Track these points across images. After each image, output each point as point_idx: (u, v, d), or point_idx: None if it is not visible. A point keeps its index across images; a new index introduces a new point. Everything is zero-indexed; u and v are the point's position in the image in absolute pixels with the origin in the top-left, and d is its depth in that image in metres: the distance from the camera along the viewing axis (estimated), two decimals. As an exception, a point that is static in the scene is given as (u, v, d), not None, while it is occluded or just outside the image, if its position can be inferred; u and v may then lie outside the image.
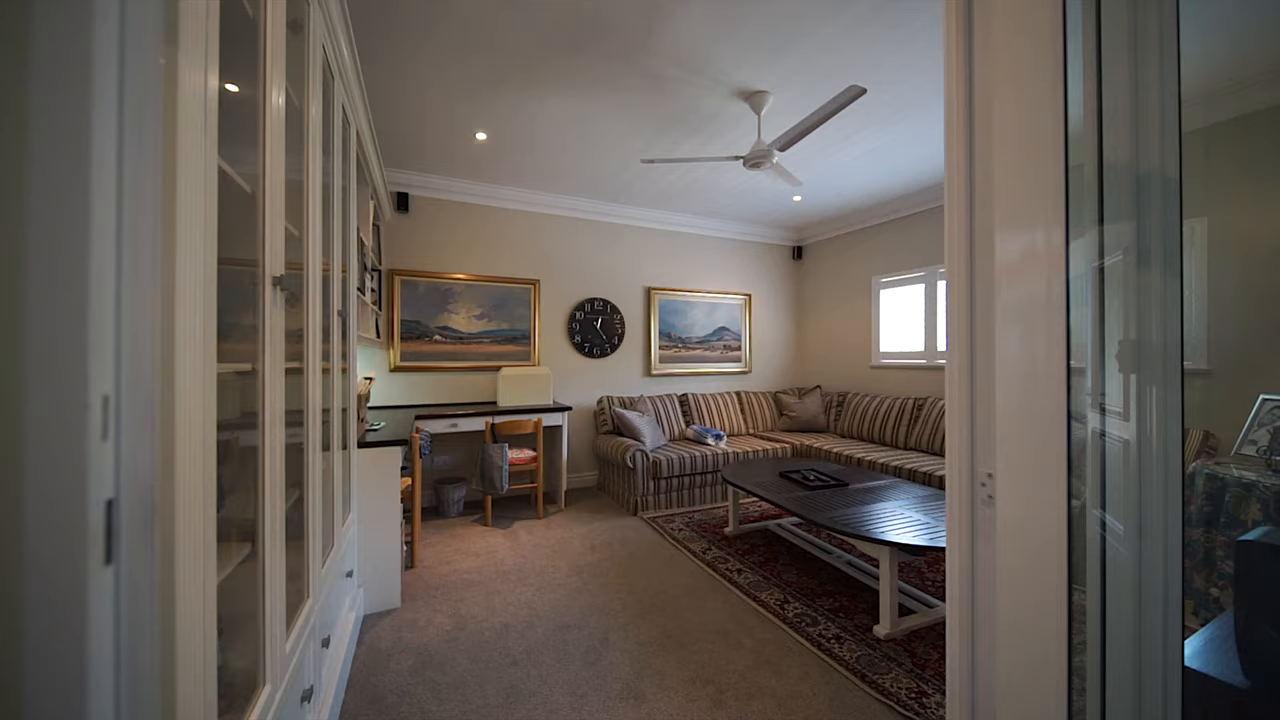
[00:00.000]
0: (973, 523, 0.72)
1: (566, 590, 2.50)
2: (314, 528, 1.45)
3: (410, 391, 3.95)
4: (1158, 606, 0.58)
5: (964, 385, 0.72)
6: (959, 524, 0.73)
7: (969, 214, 0.72)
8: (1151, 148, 0.60)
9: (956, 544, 0.73)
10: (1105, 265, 0.61)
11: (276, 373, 1.10)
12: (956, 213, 0.74)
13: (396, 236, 3.91)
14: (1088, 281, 0.60)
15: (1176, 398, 0.59)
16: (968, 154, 0.73)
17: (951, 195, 0.74)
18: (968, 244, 0.72)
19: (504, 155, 3.47)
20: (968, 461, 0.72)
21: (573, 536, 3.26)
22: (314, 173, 1.48)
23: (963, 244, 0.73)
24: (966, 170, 0.72)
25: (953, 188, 0.74)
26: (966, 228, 0.72)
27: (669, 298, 4.98)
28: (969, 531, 0.72)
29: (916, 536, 2.06)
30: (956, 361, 0.73)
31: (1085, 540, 0.60)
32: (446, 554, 2.97)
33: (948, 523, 0.75)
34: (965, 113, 0.73)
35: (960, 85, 0.74)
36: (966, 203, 0.72)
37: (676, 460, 3.79)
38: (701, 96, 2.65)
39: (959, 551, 0.72)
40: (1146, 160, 0.60)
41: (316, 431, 1.50)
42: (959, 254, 0.73)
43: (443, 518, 3.66)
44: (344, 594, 1.98)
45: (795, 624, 2.15)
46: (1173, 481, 0.60)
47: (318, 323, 1.52)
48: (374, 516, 2.32)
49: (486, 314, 4.22)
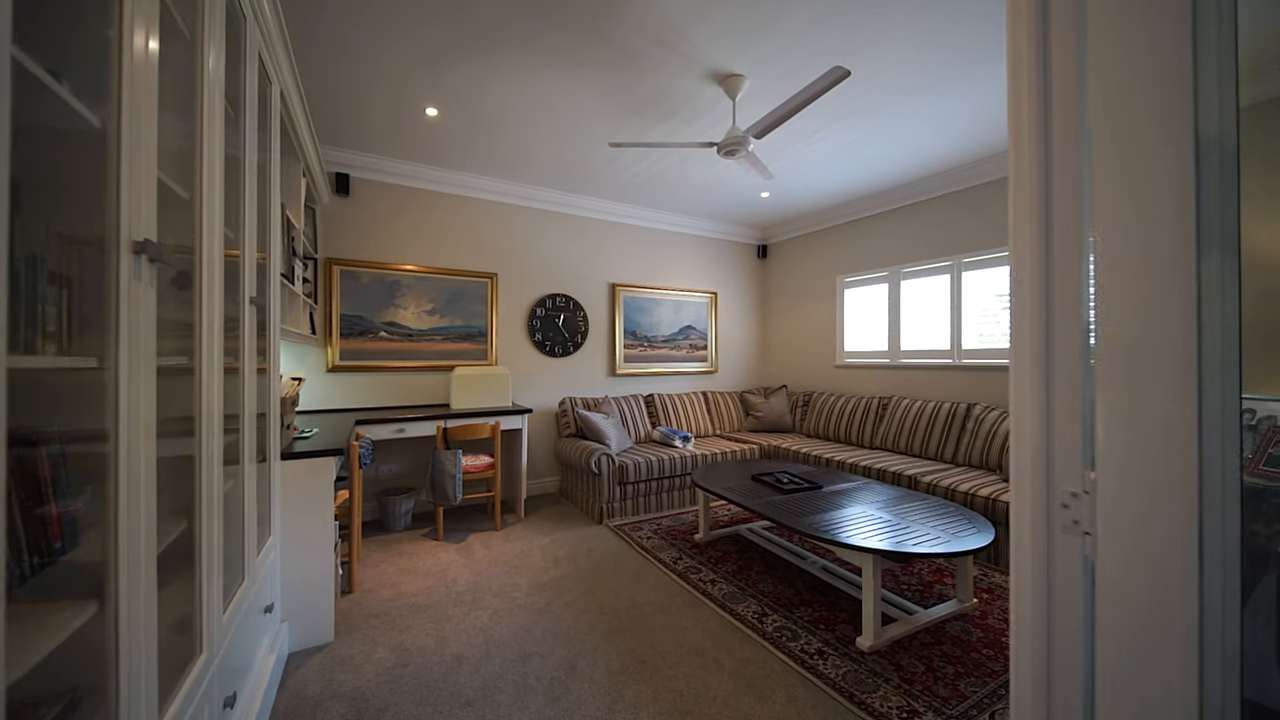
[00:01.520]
0: (1049, 557, 0.57)
1: (527, 612, 2.27)
2: (211, 562, 1.17)
3: (351, 394, 3.57)
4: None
5: (1036, 386, 0.58)
6: (1030, 559, 0.58)
7: (1043, 188, 0.58)
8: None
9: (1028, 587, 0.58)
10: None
11: (141, 369, 0.84)
12: (1028, 186, 0.59)
13: (335, 222, 3.53)
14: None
15: None
16: (1042, 122, 0.58)
17: (1021, 168, 0.60)
18: (1041, 222, 0.58)
19: (458, 135, 3.18)
20: (1041, 478, 0.58)
21: (533, 549, 3.02)
22: (211, 126, 1.19)
23: (1034, 223, 0.59)
24: (1040, 138, 0.58)
25: (1022, 159, 0.60)
26: (1040, 201, 0.58)
27: (634, 295, 4.81)
28: (1044, 569, 0.57)
29: (899, 542, 1.98)
30: (1027, 358, 0.59)
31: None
32: (391, 575, 2.66)
33: (1013, 557, 0.61)
34: (1039, 66, 0.59)
35: (1032, 33, 0.60)
36: (1041, 175, 0.58)
37: (644, 464, 3.61)
38: (674, 78, 2.49)
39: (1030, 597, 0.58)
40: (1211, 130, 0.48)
41: (216, 442, 1.22)
42: (1031, 235, 0.59)
43: (388, 532, 3.32)
44: (261, 633, 1.68)
45: (776, 639, 2.02)
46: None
47: (218, 312, 1.24)
48: (301, 538, 2.00)
49: (439, 309, 3.89)
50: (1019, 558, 0.60)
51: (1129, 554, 0.48)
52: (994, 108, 2.79)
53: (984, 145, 3.29)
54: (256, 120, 1.65)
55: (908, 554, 1.90)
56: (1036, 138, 0.60)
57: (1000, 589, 2.49)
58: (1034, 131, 0.60)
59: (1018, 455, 0.60)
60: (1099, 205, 0.52)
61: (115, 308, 0.77)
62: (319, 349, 3.47)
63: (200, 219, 1.14)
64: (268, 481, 1.82)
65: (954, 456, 3.51)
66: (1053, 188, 0.59)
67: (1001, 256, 3.58)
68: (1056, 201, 0.58)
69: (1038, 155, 0.60)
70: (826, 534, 2.06)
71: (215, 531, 1.20)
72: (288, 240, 2.31)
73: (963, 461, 3.46)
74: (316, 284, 3.39)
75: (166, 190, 1.02)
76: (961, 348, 3.83)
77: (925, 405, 3.80)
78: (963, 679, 1.78)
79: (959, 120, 2.93)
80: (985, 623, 2.17)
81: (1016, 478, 0.60)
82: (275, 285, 1.93)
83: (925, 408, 3.78)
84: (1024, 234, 0.61)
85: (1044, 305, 0.58)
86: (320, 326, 3.47)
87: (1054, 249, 0.58)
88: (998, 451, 3.24)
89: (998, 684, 1.75)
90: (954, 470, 3.27)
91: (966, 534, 2.10)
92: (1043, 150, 0.60)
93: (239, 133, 1.52)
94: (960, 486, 2.90)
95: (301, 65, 2.39)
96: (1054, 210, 0.58)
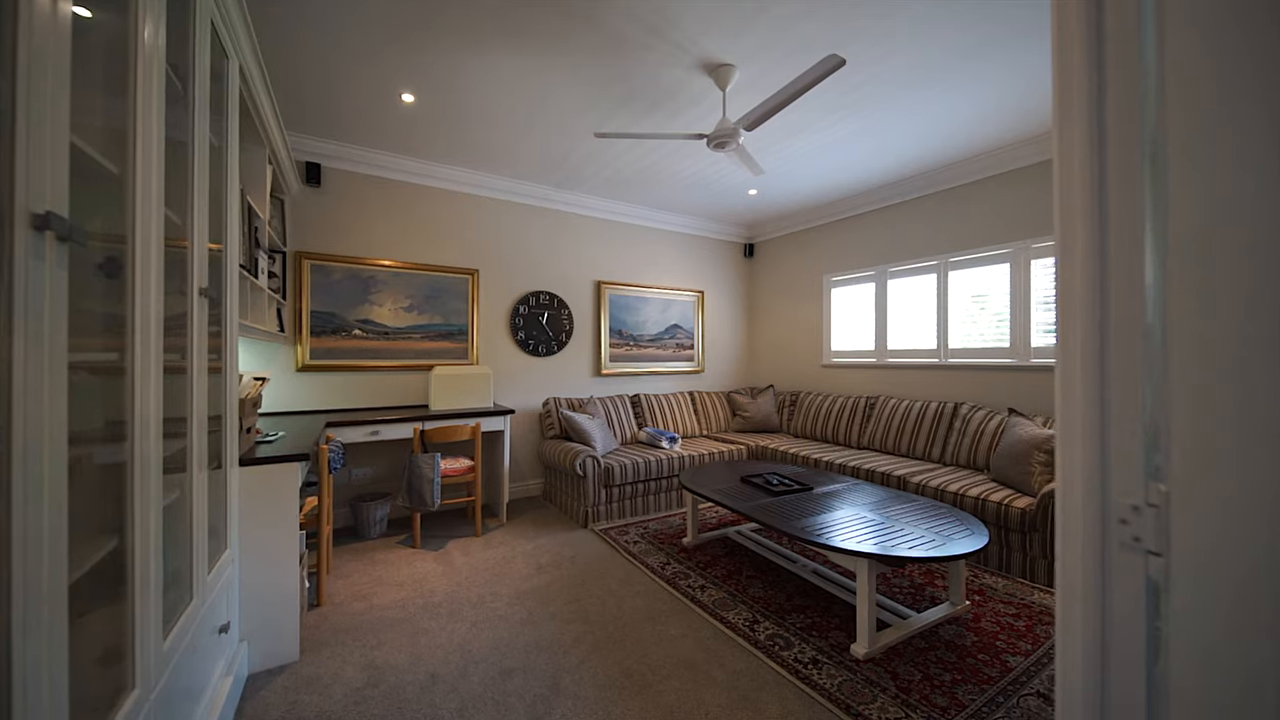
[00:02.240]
0: (1103, 579, 0.50)
1: (508, 624, 2.15)
2: (147, 584, 1.04)
3: (322, 394, 3.40)
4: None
5: (1088, 388, 0.50)
6: (1080, 581, 0.50)
7: (1098, 157, 0.50)
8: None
9: (1078, 612, 0.50)
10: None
11: (47, 365, 0.71)
12: (1079, 160, 0.52)
13: (306, 214, 3.36)
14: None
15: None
16: (1096, 81, 0.51)
17: (1068, 135, 0.52)
18: (1095, 205, 0.51)
19: (436, 124, 3.04)
20: (1094, 490, 0.51)
21: (515, 555, 2.90)
22: (148, 95, 1.06)
23: (1087, 208, 0.51)
24: (1093, 101, 0.51)
25: (1073, 124, 0.52)
26: (1093, 175, 0.50)
27: (620, 293, 4.71)
28: (1097, 592, 0.50)
29: (894, 546, 1.93)
30: (1077, 357, 0.51)
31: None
32: (364, 585, 2.52)
33: (1059, 576, 0.53)
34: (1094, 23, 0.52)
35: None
36: (1094, 144, 0.50)
37: (630, 466, 3.52)
38: (663, 67, 2.40)
39: (1081, 624, 0.50)
40: None
41: (154, 449, 1.08)
42: (1084, 213, 0.51)
43: (362, 540, 3.17)
44: (214, 656, 1.54)
45: (768, 648, 1.95)
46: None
47: (157, 304, 1.10)
48: (263, 550, 1.86)
49: (417, 306, 3.74)
50: (1067, 578, 0.53)
51: (1218, 582, 0.41)
52: (988, 104, 2.76)
53: (973, 144, 3.28)
54: (209, 96, 1.51)
55: (904, 558, 1.85)
56: (1086, 95, 0.53)
57: (991, 590, 2.46)
58: (1084, 84, 0.53)
59: (1066, 465, 0.53)
60: (1185, 184, 0.45)
61: (8, 291, 0.65)
62: (288, 347, 3.29)
63: (134, 198, 1.01)
64: (223, 490, 1.68)
65: (941, 456, 3.50)
66: (1108, 167, 0.51)
67: (985, 256, 3.58)
68: (1113, 180, 0.51)
69: (1088, 116, 0.52)
70: (820, 538, 2.00)
71: (153, 549, 1.07)
72: (249, 230, 2.16)
73: (950, 461, 3.45)
74: (285, 279, 3.22)
75: (88, 162, 0.89)
76: (948, 347, 3.83)
77: (912, 405, 3.79)
78: (960, 686, 1.73)
79: (952, 116, 2.91)
80: (979, 626, 2.13)
81: (1065, 490, 0.53)
82: (233, 277, 1.79)
83: (912, 407, 3.77)
84: (1074, 217, 0.53)
85: (1096, 297, 0.50)
86: (289, 324, 3.29)
87: (1110, 233, 0.51)
88: (985, 451, 3.23)
89: (996, 691, 1.71)
90: (942, 470, 3.25)
91: (961, 536, 2.06)
92: (1094, 110, 0.52)
93: (187, 108, 1.38)
94: (950, 486, 2.88)
95: (264, 40, 2.24)
96: (1110, 189, 0.51)
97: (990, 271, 3.58)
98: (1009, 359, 3.44)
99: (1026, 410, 3.33)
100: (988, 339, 3.59)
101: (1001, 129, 3.07)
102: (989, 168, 3.49)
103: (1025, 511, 2.54)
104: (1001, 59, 2.33)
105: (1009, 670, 1.83)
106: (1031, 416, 3.13)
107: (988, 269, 3.59)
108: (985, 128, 3.05)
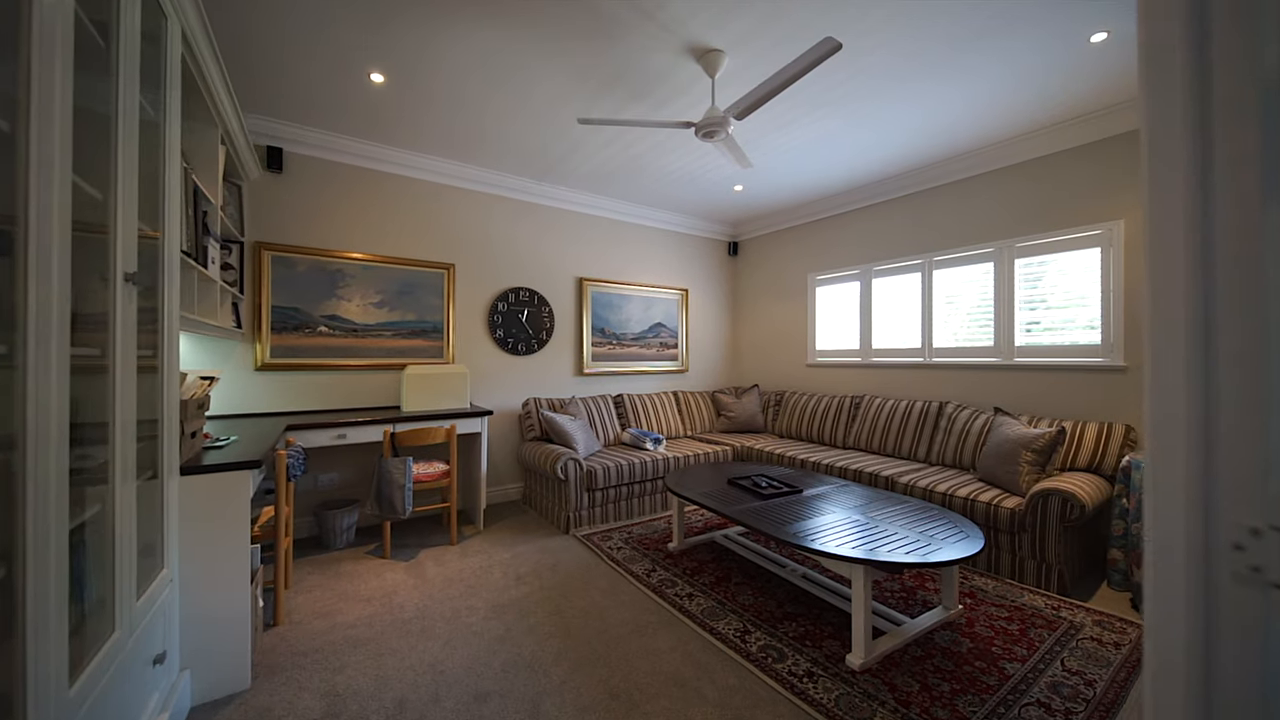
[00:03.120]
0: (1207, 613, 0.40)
1: (484, 640, 2.01)
2: (44, 620, 0.88)
3: (284, 395, 3.19)
4: None
5: (1192, 389, 0.40)
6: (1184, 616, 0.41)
7: (1198, 103, 0.41)
8: None
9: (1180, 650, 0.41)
10: None
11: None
12: (1176, 125, 0.42)
13: (267, 202, 3.14)
14: None
15: None
16: (1197, 41, 0.42)
17: (1159, 101, 0.43)
18: (1194, 158, 0.41)
19: (409, 108, 2.87)
20: (1198, 509, 0.41)
21: (493, 565, 2.75)
22: (49, 48, 0.90)
23: (1185, 160, 0.41)
24: (1192, 62, 0.41)
25: (1168, 89, 0.43)
26: (1192, 123, 0.41)
27: (603, 290, 4.59)
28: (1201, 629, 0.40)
29: (890, 552, 1.85)
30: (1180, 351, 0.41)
31: None
32: (327, 601, 2.34)
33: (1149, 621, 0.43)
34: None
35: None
36: (1191, 104, 0.41)
37: (614, 468, 3.40)
38: (649, 51, 2.29)
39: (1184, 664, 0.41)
40: None
41: (54, 459, 0.92)
42: (1180, 183, 0.42)
43: (327, 551, 2.97)
44: (146, 691, 1.36)
45: (761, 661, 1.85)
46: None
47: (60, 288, 0.94)
48: (209, 567, 1.68)
49: (388, 302, 3.55)
50: (1160, 618, 0.43)
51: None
52: (981, 100, 2.73)
53: (956, 143, 3.26)
54: (139, 59, 1.34)
55: (901, 564, 1.77)
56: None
57: (982, 592, 2.42)
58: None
59: (1159, 477, 0.43)
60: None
61: None
62: (246, 344, 3.07)
63: (25, 163, 0.85)
64: (159, 503, 1.50)
65: (928, 456, 3.48)
66: (1215, 123, 0.42)
67: (969, 255, 3.58)
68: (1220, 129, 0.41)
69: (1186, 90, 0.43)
70: (815, 544, 1.91)
71: (54, 578, 0.91)
72: (195, 214, 1.97)
73: (936, 461, 3.42)
74: (243, 271, 3.00)
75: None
76: (933, 346, 3.81)
77: (898, 404, 3.76)
78: (960, 697, 1.66)
79: (946, 110, 2.87)
80: (973, 631, 2.07)
81: (1158, 509, 0.44)
82: (173, 265, 1.61)
83: (898, 407, 3.74)
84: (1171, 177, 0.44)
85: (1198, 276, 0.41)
86: (248, 319, 3.07)
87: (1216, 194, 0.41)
88: (971, 450, 3.22)
89: (996, 701, 1.64)
90: (929, 470, 3.22)
91: (956, 539, 2.00)
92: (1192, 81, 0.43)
93: (109, 68, 1.21)
94: (938, 487, 2.84)
95: (215, 5, 2.04)
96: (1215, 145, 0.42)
97: (974, 270, 3.57)
98: (993, 358, 3.44)
99: (1012, 409, 3.33)
100: (971, 338, 3.59)
101: (986, 127, 3.05)
102: (972, 166, 3.48)
103: (1015, 511, 2.51)
104: (994, 51, 2.29)
105: (1006, 678, 1.77)
106: (1017, 415, 3.13)
107: (971, 268, 3.59)
108: (972, 125, 3.03)
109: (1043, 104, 2.77)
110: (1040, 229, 3.21)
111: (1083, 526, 2.56)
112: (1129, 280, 2.86)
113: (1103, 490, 2.56)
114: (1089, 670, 1.82)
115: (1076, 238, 3.06)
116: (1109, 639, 2.02)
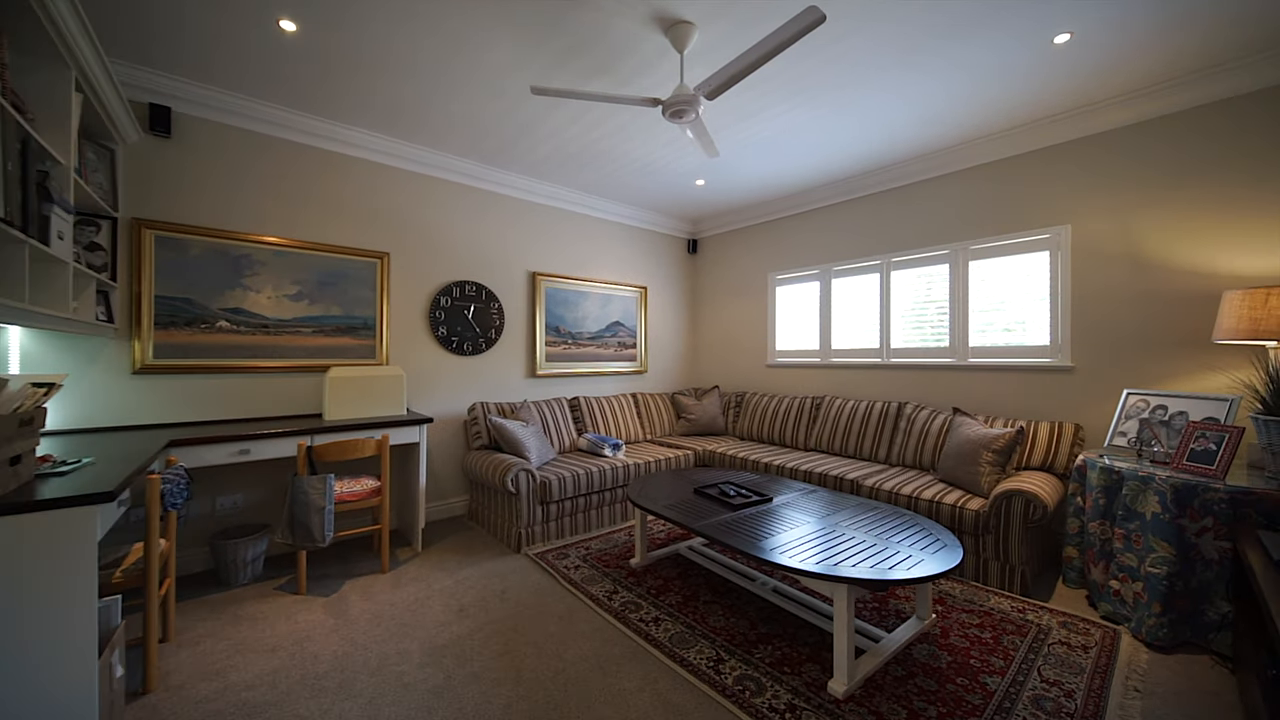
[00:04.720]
0: None
1: (417, 695, 1.69)
2: None
3: (171, 404, 2.67)
4: None
5: None
6: None
7: None
8: None
9: None
10: None
11: None
12: None
13: (150, 171, 2.61)
14: None
15: None
16: None
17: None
18: None
19: (331, 69, 2.47)
20: None
21: (431, 595, 2.41)
22: None
23: None
24: None
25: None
26: None
27: (558, 286, 4.29)
28: None
29: (873, 566, 1.72)
30: None
31: None
32: (219, 655, 1.92)
33: None
34: None
35: None
36: None
37: (570, 478, 3.13)
38: (613, 15, 2.05)
39: None
40: None
41: None
42: None
43: (226, 588, 2.50)
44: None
45: (739, 696, 1.66)
46: None
47: None
48: (35, 634, 1.27)
49: (308, 294, 3.08)
50: None
51: None
52: (971, 94, 2.69)
53: (912, 145, 3.25)
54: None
55: (888, 581, 1.64)
56: None
57: (950, 597, 2.37)
58: None
59: None
60: None
61: None
62: (119, 342, 2.54)
63: None
64: (-56, 558, 1.09)
65: (888, 457, 3.46)
66: None
67: (926, 256, 3.61)
68: None
69: None
70: (797, 563, 1.75)
71: None
72: (26, 172, 1.52)
73: (897, 461, 3.41)
74: (115, 253, 2.47)
75: None
76: (890, 347, 3.82)
77: (858, 405, 3.74)
78: (950, 724, 1.55)
79: (925, 101, 2.80)
80: (949, 642, 1.99)
81: None
82: (-25, 233, 1.19)
83: (858, 407, 3.72)
84: None
85: None
86: (122, 312, 2.54)
87: None
88: (931, 451, 3.22)
89: (987, 726, 1.54)
90: (891, 471, 3.19)
91: (935, 549, 1.91)
92: None
93: None
94: (903, 490, 2.79)
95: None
96: None
97: (930, 272, 3.60)
98: (949, 358, 3.47)
99: (968, 409, 3.37)
100: (927, 339, 3.62)
101: (945, 129, 3.05)
102: (932, 168, 3.51)
103: (979, 513, 2.48)
104: (980, 40, 2.24)
105: (990, 695, 1.68)
106: (975, 415, 3.16)
107: (928, 269, 3.62)
108: (933, 125, 3.02)
109: (1008, 105, 2.78)
110: (994, 232, 3.26)
111: (1042, 526, 2.58)
112: (1075, 283, 2.95)
113: (1058, 489, 2.59)
114: (1065, 680, 1.77)
115: (1027, 241, 3.13)
116: (1076, 641, 2.00)
